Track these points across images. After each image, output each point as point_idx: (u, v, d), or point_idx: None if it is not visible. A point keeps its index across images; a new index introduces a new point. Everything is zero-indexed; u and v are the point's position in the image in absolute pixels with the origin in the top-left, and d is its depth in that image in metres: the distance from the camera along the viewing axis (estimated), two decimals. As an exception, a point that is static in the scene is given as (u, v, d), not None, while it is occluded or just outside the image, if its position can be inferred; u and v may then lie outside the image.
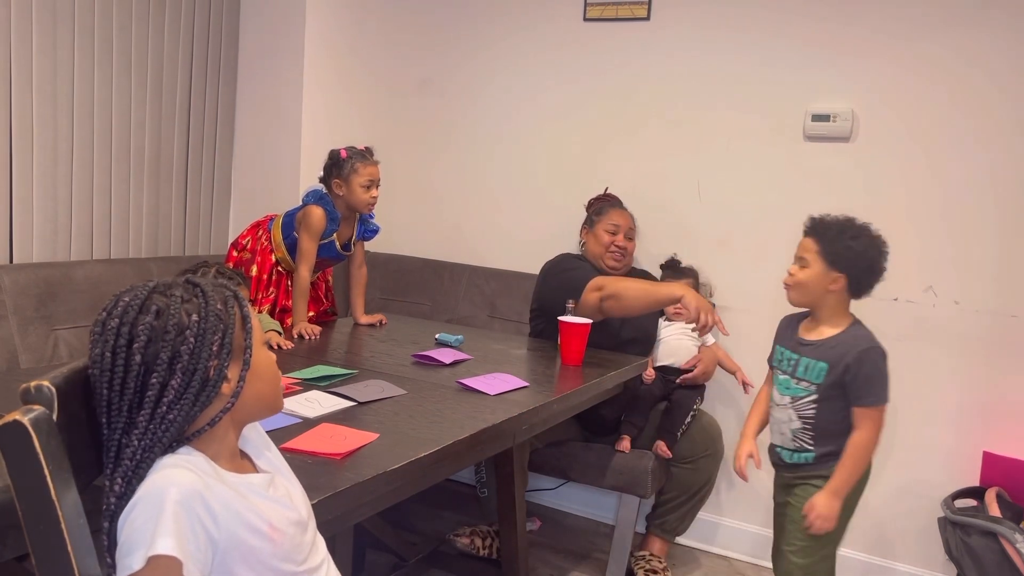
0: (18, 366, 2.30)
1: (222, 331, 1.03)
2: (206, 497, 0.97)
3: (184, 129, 3.03)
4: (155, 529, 0.92)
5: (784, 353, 2.04)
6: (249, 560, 1.02)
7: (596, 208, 2.86)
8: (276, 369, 1.15)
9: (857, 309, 2.78)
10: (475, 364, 2.26)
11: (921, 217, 2.64)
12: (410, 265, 3.39)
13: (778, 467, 2.10)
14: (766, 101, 2.82)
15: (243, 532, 1.00)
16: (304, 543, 1.11)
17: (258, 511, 1.03)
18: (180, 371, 1.00)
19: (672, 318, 2.75)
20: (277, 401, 1.16)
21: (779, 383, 2.04)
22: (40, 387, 1.00)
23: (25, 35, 2.47)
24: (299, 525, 1.11)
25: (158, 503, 0.94)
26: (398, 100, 3.48)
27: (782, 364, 2.04)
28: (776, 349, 2.08)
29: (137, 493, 0.97)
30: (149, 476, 0.99)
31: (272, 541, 1.04)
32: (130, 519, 0.95)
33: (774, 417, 2.06)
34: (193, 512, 0.95)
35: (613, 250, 2.76)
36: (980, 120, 2.55)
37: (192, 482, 0.97)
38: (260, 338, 1.12)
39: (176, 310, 1.01)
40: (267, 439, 1.22)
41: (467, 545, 2.70)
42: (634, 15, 3.01)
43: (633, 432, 2.59)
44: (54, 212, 2.61)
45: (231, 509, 1.00)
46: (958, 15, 2.55)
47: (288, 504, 1.11)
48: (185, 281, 1.07)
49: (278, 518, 1.06)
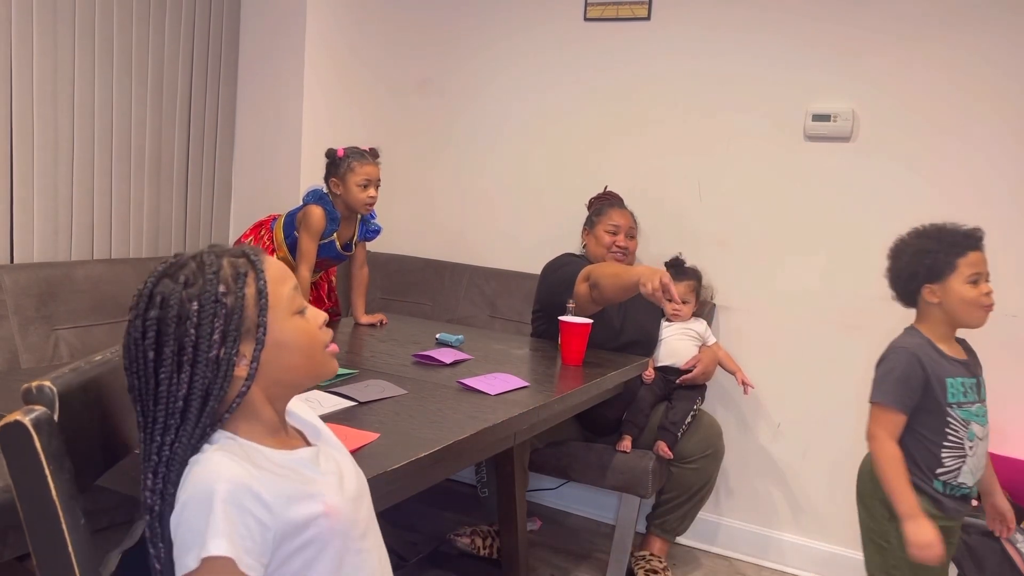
0: (19, 366, 2.30)
1: (224, 316, 1.00)
2: (254, 488, 0.95)
3: (185, 129, 3.03)
4: (206, 530, 0.92)
5: (965, 383, 1.83)
6: (308, 537, 1.00)
7: (596, 208, 2.86)
8: (314, 335, 1.08)
9: (852, 308, 2.79)
10: (476, 364, 2.26)
11: (921, 217, 2.62)
12: (411, 265, 3.40)
13: (959, 513, 1.88)
14: (766, 101, 2.82)
15: (298, 514, 0.99)
16: (359, 519, 1.09)
17: (309, 490, 1.01)
18: (187, 363, 0.99)
19: (672, 318, 2.75)
20: (316, 369, 1.09)
21: (975, 415, 1.83)
22: (41, 387, 1.00)
23: (26, 35, 2.47)
24: (352, 499, 1.08)
25: (207, 502, 0.93)
26: (399, 100, 3.48)
27: (967, 395, 1.83)
28: (950, 384, 1.82)
29: (186, 492, 0.95)
30: (192, 470, 0.97)
31: (327, 516, 1.02)
32: (183, 519, 0.94)
33: (977, 456, 1.84)
34: (243, 507, 0.94)
35: (614, 250, 2.75)
36: (981, 120, 2.55)
37: (238, 475, 0.95)
38: (286, 307, 1.05)
39: (177, 299, 0.99)
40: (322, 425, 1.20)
41: (467, 545, 2.70)
42: (635, 15, 3.01)
43: (634, 432, 2.59)
44: (55, 212, 2.61)
45: (282, 494, 0.98)
46: (959, 15, 2.55)
47: (338, 477, 1.08)
48: (196, 258, 1.03)
49: (330, 492, 1.04)
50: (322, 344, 1.10)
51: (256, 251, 1.07)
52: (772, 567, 2.91)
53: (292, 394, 1.11)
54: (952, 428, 1.81)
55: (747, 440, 2.93)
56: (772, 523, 2.92)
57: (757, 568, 2.91)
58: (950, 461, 1.82)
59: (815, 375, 2.80)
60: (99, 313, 2.54)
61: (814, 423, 2.82)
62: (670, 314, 2.74)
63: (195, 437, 1.00)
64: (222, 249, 1.06)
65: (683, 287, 2.72)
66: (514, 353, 2.48)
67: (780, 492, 2.90)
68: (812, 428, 2.82)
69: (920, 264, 1.88)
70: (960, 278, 1.82)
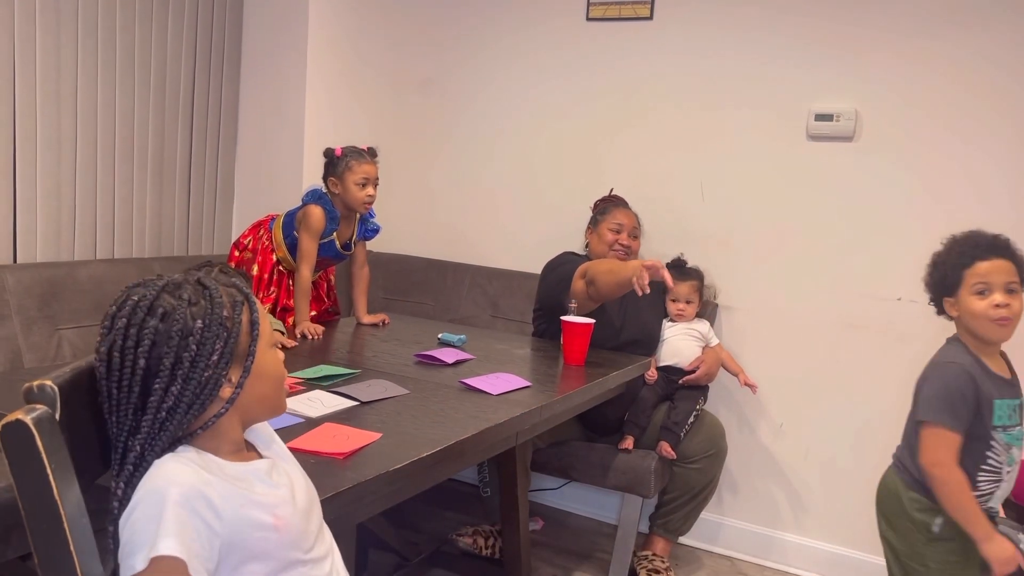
0: (22, 366, 2.31)
1: (225, 338, 1.03)
2: (206, 493, 0.97)
3: (187, 129, 3.04)
4: (157, 529, 0.92)
5: (1010, 405, 1.75)
6: (255, 550, 1.01)
7: (601, 208, 2.87)
8: (282, 371, 1.14)
9: (855, 308, 2.79)
10: (478, 364, 2.26)
11: (924, 217, 2.63)
12: (413, 265, 3.40)
13: None
14: (769, 100, 2.81)
15: (247, 523, 1.00)
16: (309, 531, 1.11)
17: (261, 500, 1.03)
18: (181, 377, 1.01)
19: (675, 319, 2.75)
20: (280, 403, 1.15)
21: (1016, 439, 1.75)
22: (43, 386, 1.00)
23: (28, 35, 2.47)
24: (303, 512, 1.10)
25: (158, 503, 0.94)
26: (401, 99, 3.49)
27: (1012, 417, 1.74)
28: (997, 405, 1.73)
29: (137, 494, 0.97)
30: (147, 475, 0.99)
31: (277, 529, 1.03)
32: (131, 520, 0.95)
33: (1009, 482, 1.78)
34: (195, 510, 0.95)
35: (617, 248, 2.75)
36: (985, 119, 2.54)
37: (192, 480, 0.97)
38: (268, 340, 1.11)
39: (182, 315, 1.01)
40: (272, 432, 1.22)
41: (469, 545, 2.70)
42: (637, 15, 3.01)
43: (636, 432, 2.59)
44: (57, 212, 2.62)
45: (233, 502, 0.99)
46: (962, 13, 2.54)
47: (290, 490, 1.10)
48: (196, 281, 1.07)
49: (282, 505, 1.06)
50: (285, 380, 1.16)
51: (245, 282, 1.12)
52: (774, 567, 2.90)
53: (252, 423, 1.14)
54: (994, 452, 1.74)
55: (749, 440, 2.92)
56: (774, 523, 2.92)
57: (759, 568, 2.90)
58: (985, 485, 1.75)
59: (818, 375, 2.80)
60: (102, 313, 2.50)
61: (816, 423, 2.81)
62: (674, 315, 2.74)
63: (165, 449, 1.02)
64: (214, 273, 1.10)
65: (686, 287, 2.72)
66: (516, 353, 2.48)
67: (782, 492, 2.90)
68: (814, 428, 2.82)
69: (934, 276, 1.84)
70: (968, 290, 1.76)
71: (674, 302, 2.75)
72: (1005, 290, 1.72)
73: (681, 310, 2.72)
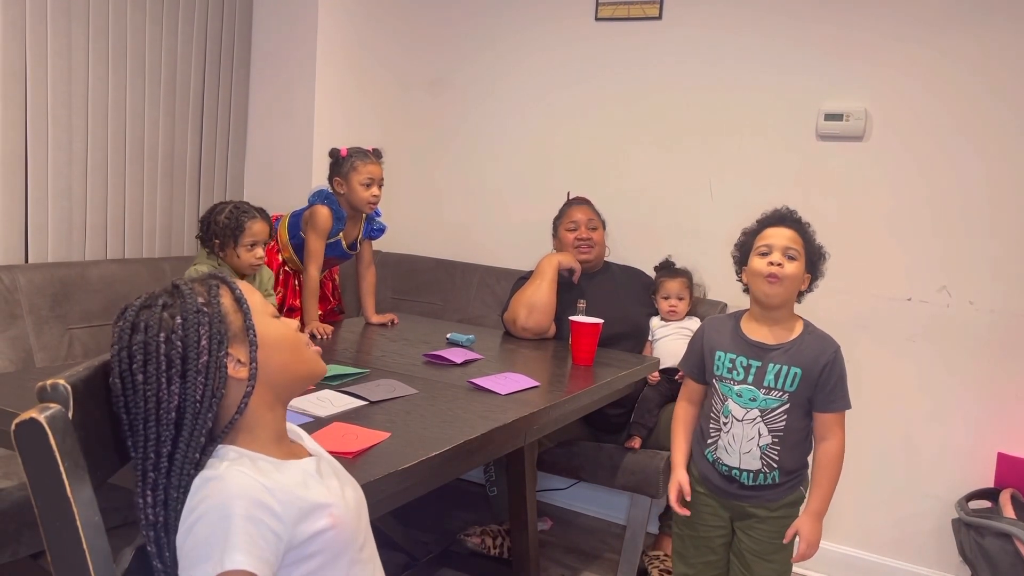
0: (33, 365, 2.32)
1: (207, 323, 1.04)
2: (266, 501, 0.97)
3: (197, 129, 3.05)
4: (224, 544, 0.93)
5: (736, 360, 1.83)
6: (315, 552, 1.02)
7: (557, 215, 2.92)
8: (294, 334, 1.13)
9: (865, 309, 2.78)
10: (486, 364, 2.26)
11: (934, 217, 2.62)
12: (422, 265, 3.40)
13: (726, 494, 1.87)
14: (779, 100, 2.81)
15: (308, 525, 1.01)
16: (360, 529, 1.12)
17: (317, 500, 1.04)
18: (178, 374, 1.01)
19: (667, 317, 2.74)
20: (309, 366, 1.14)
21: (736, 395, 1.82)
22: (56, 385, 1.01)
23: (40, 36, 2.49)
24: (354, 510, 1.11)
25: (224, 517, 0.95)
26: (410, 99, 3.49)
27: (733, 373, 1.83)
28: (717, 356, 1.86)
29: (198, 508, 0.97)
30: (207, 485, 0.98)
31: (335, 529, 1.04)
32: (193, 532, 0.96)
33: (732, 435, 1.83)
34: (261, 522, 0.96)
35: (578, 244, 2.79)
36: (995, 118, 2.53)
37: (252, 491, 0.97)
38: (263, 311, 1.11)
39: (157, 320, 1.03)
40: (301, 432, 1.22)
41: (478, 544, 2.70)
42: (646, 15, 3.00)
43: (643, 433, 2.59)
44: (69, 212, 2.63)
45: (293, 507, 1.00)
46: (972, 13, 2.53)
47: (340, 487, 1.11)
48: (169, 288, 1.08)
49: (336, 503, 1.06)
50: (303, 342, 1.15)
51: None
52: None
53: (289, 397, 1.14)
54: (714, 401, 1.88)
55: (758, 440, 2.91)
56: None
57: (768, 569, 2.89)
58: (712, 432, 1.89)
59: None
60: (112, 312, 2.54)
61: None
62: (666, 313, 2.73)
63: (192, 448, 1.02)
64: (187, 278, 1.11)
65: (676, 284, 2.73)
66: (524, 353, 2.48)
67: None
68: (824, 429, 2.81)
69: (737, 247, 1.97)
70: (755, 253, 1.85)
71: (666, 299, 2.74)
72: (784, 254, 1.81)
73: (673, 307, 2.72)
